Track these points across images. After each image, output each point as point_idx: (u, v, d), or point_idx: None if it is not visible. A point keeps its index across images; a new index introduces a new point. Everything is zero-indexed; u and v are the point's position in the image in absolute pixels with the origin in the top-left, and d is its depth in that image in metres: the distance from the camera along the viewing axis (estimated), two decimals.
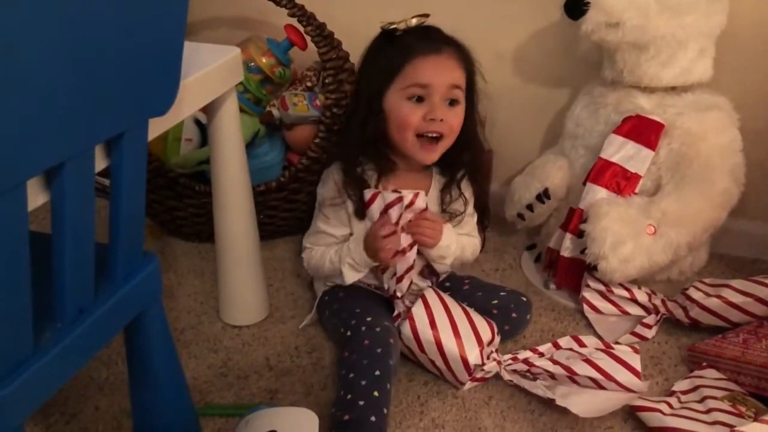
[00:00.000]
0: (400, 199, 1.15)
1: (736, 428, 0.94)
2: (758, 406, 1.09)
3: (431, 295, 1.21)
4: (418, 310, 1.19)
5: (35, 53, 0.61)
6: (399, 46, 1.15)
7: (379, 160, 1.20)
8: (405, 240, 1.18)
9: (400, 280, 1.21)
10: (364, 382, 1.05)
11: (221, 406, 1.17)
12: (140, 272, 0.90)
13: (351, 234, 1.24)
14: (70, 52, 0.65)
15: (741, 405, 1.10)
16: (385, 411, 1.05)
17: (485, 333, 1.19)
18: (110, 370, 1.24)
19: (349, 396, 1.05)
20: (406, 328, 1.18)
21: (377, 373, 1.06)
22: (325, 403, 1.15)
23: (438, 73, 1.13)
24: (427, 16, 1.18)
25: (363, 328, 1.13)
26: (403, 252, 1.18)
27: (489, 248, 1.61)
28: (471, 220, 1.31)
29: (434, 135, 1.16)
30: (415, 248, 1.20)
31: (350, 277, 1.21)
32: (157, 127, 0.91)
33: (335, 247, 1.24)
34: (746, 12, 1.38)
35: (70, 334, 0.78)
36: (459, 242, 1.26)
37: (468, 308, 1.23)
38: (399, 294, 1.21)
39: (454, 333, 1.16)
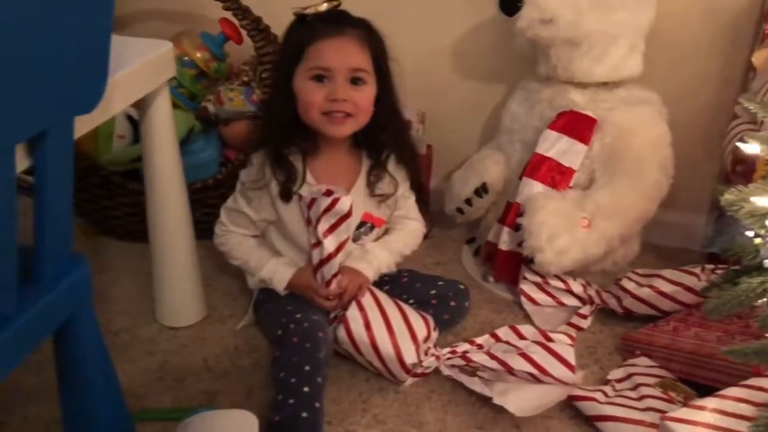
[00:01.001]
0: (333, 204, 1.16)
1: (666, 414, 0.97)
2: (688, 392, 1.13)
3: (366, 296, 1.21)
4: (353, 313, 1.19)
5: None
6: (306, 30, 1.16)
7: (301, 141, 1.21)
8: (331, 245, 1.18)
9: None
10: (293, 380, 1.05)
11: (158, 411, 1.14)
12: (69, 275, 0.87)
13: (270, 221, 1.25)
14: None
15: (672, 391, 1.14)
16: (318, 405, 1.05)
17: (421, 330, 1.19)
18: (40, 376, 1.19)
19: (280, 396, 1.05)
20: (341, 332, 1.18)
21: (306, 368, 1.06)
22: (267, 404, 1.13)
23: (338, 56, 1.14)
24: (338, 1, 1.19)
25: (292, 326, 1.13)
26: (329, 258, 1.18)
27: (429, 243, 1.62)
28: (407, 202, 1.32)
29: (339, 114, 1.17)
30: (342, 253, 1.20)
31: (255, 285, 1.27)
32: (84, 125, 0.89)
33: (259, 252, 1.26)
34: (674, 10, 1.43)
35: None
36: (393, 252, 1.29)
37: (404, 305, 1.23)
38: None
39: (390, 333, 1.17)
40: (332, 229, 1.18)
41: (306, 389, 1.04)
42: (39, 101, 0.73)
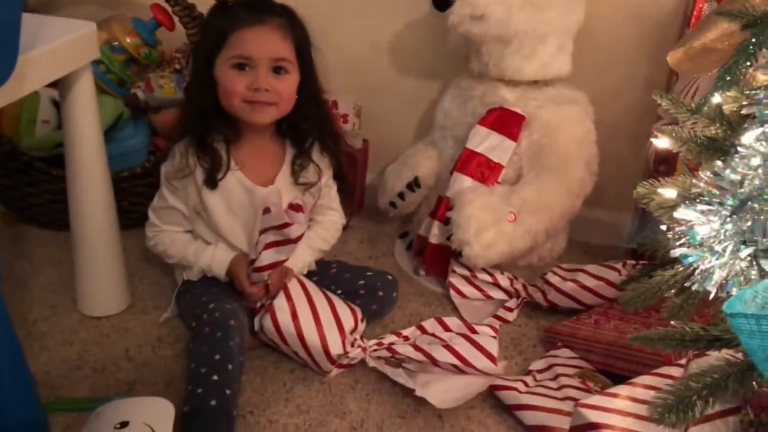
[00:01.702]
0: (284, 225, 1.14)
1: (580, 401, 0.99)
2: (605, 382, 1.17)
3: (293, 285, 1.20)
4: (280, 302, 1.18)
5: None
6: (227, 17, 1.15)
7: (224, 128, 1.19)
8: (267, 259, 1.17)
9: (258, 270, 1.20)
10: (203, 370, 1.04)
11: (73, 400, 1.11)
12: None
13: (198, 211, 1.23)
14: None
15: (590, 381, 1.17)
16: (228, 392, 1.03)
17: (347, 321, 1.19)
18: None
19: (190, 387, 1.04)
20: (267, 321, 1.17)
21: (217, 357, 1.05)
22: None
23: (261, 45, 1.13)
24: None
25: (205, 316, 1.11)
26: (261, 269, 1.18)
27: (363, 237, 1.62)
28: (329, 191, 1.32)
29: (261, 103, 1.16)
30: (274, 270, 1.19)
31: (197, 276, 1.24)
32: None
33: (195, 244, 1.24)
34: (602, 13, 1.47)
35: None
36: (314, 250, 1.30)
37: (332, 296, 1.23)
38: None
39: (316, 324, 1.16)
40: (275, 245, 1.16)
41: (215, 378, 1.03)
42: None
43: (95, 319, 1.29)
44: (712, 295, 0.76)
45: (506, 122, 1.39)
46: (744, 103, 0.77)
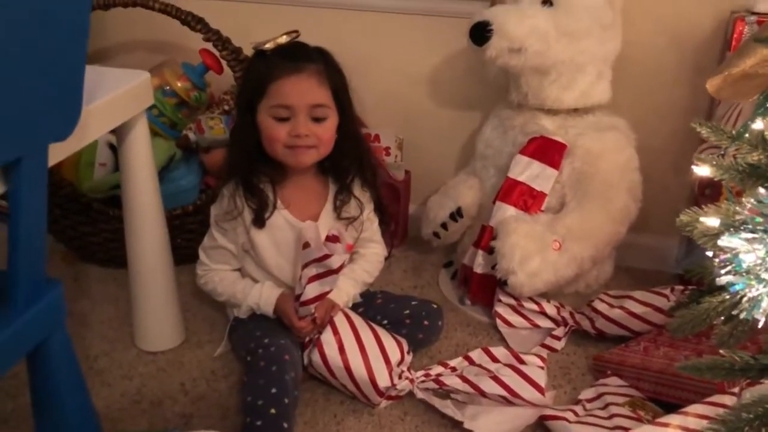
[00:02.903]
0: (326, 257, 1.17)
1: (631, 431, 0.99)
2: (656, 410, 1.15)
3: (340, 319, 1.23)
4: (327, 337, 1.20)
5: None
6: (265, 66, 1.18)
7: (268, 170, 1.23)
8: (312, 292, 1.19)
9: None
10: (260, 402, 1.07)
11: None
12: (42, 298, 0.88)
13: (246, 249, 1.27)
14: None
15: (640, 410, 1.16)
16: (285, 425, 1.07)
17: (394, 354, 1.21)
18: (16, 401, 1.21)
19: (248, 419, 1.07)
20: (315, 356, 1.20)
21: (273, 390, 1.08)
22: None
23: (299, 94, 1.17)
24: (297, 32, 1.21)
25: (260, 351, 1.15)
26: (306, 303, 1.20)
27: (407, 266, 1.64)
28: (371, 224, 1.34)
29: (302, 147, 1.20)
30: (315, 283, 1.21)
31: (246, 314, 1.27)
32: (60, 152, 0.91)
33: (243, 282, 1.28)
34: (641, 39, 1.47)
35: None
36: (358, 282, 1.31)
37: (378, 328, 1.25)
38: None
39: (363, 357, 1.19)
40: (318, 277, 1.19)
41: (273, 411, 1.06)
42: (14, 128, 0.76)
43: (152, 354, 1.34)
44: (761, 323, 0.76)
45: (547, 151, 1.40)
46: None
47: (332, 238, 1.19)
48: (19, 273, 0.84)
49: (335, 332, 1.21)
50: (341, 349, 1.19)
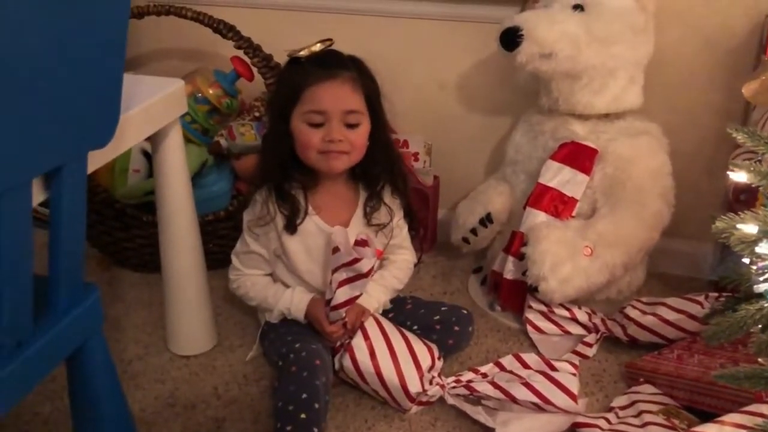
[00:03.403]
0: (355, 261, 1.18)
1: None
2: (691, 419, 1.14)
3: (371, 324, 1.24)
4: (358, 341, 1.21)
5: None
6: (300, 73, 1.20)
7: (300, 176, 1.25)
8: (342, 296, 1.20)
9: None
10: (291, 408, 1.08)
11: None
12: (81, 303, 0.90)
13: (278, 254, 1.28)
14: (5, 86, 0.66)
15: (675, 418, 1.14)
16: (316, 430, 1.08)
17: (425, 359, 1.21)
18: (54, 404, 1.23)
19: (279, 424, 1.08)
20: (346, 360, 1.20)
21: (304, 396, 1.09)
22: None
23: (333, 100, 1.18)
24: (331, 41, 1.22)
25: (291, 356, 1.16)
26: (337, 307, 1.21)
27: (437, 272, 1.64)
28: (401, 231, 1.35)
29: (335, 152, 1.20)
30: (345, 287, 1.21)
31: (277, 319, 1.29)
32: (98, 159, 0.93)
33: (275, 287, 1.29)
34: (673, 43, 1.46)
35: (8, 367, 0.78)
36: (388, 288, 1.32)
37: (408, 333, 1.26)
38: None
39: (394, 362, 1.19)
40: (348, 281, 1.20)
41: (303, 416, 1.07)
42: (55, 137, 0.77)
43: (185, 358, 1.35)
44: None
45: (578, 156, 1.39)
46: None
47: (361, 243, 1.20)
48: (59, 278, 0.86)
49: (366, 337, 1.22)
50: (372, 354, 1.20)
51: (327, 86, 1.18)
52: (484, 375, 1.26)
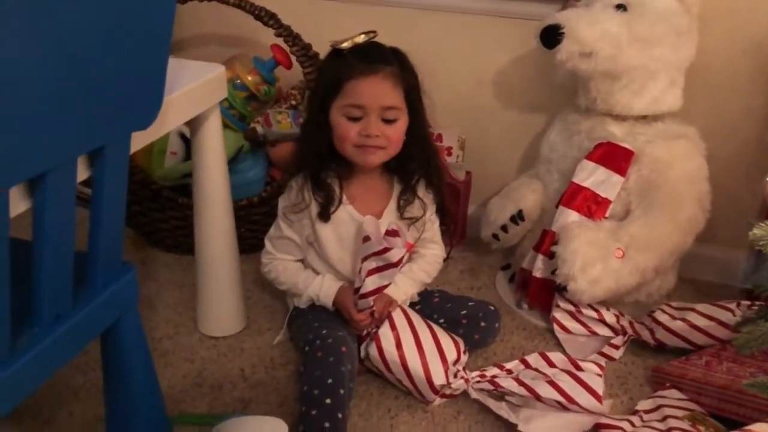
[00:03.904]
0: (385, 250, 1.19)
1: None
2: (717, 426, 1.13)
3: (398, 315, 1.25)
4: (385, 331, 1.22)
5: (23, 68, 0.64)
6: (341, 65, 1.20)
7: (336, 166, 1.26)
8: (371, 284, 1.21)
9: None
10: (317, 392, 1.09)
11: (194, 416, 1.19)
12: (118, 281, 0.92)
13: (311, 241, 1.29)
14: (56, 68, 0.68)
15: (701, 425, 1.13)
16: (340, 416, 1.08)
17: (450, 352, 1.22)
18: (86, 376, 1.26)
19: (304, 408, 1.10)
20: (372, 349, 1.22)
21: (329, 381, 1.10)
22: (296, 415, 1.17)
23: (372, 95, 1.18)
24: (374, 33, 1.22)
25: (318, 342, 1.17)
26: (365, 295, 1.22)
27: (465, 267, 1.65)
28: (432, 225, 1.36)
29: (372, 147, 1.21)
30: (374, 276, 1.22)
31: (305, 304, 1.30)
32: (139, 141, 0.95)
33: (305, 273, 1.31)
34: (716, 47, 1.44)
35: (47, 338, 0.81)
36: (416, 281, 1.33)
37: (435, 326, 1.26)
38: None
39: (420, 354, 1.20)
40: (377, 270, 1.21)
41: (328, 401, 1.08)
42: (101, 118, 0.79)
43: (214, 339, 1.38)
44: None
45: (614, 157, 1.38)
46: None
47: (392, 232, 1.21)
48: (98, 255, 0.88)
49: (393, 327, 1.23)
50: (398, 345, 1.21)
51: (368, 81, 1.18)
52: (509, 371, 1.27)
